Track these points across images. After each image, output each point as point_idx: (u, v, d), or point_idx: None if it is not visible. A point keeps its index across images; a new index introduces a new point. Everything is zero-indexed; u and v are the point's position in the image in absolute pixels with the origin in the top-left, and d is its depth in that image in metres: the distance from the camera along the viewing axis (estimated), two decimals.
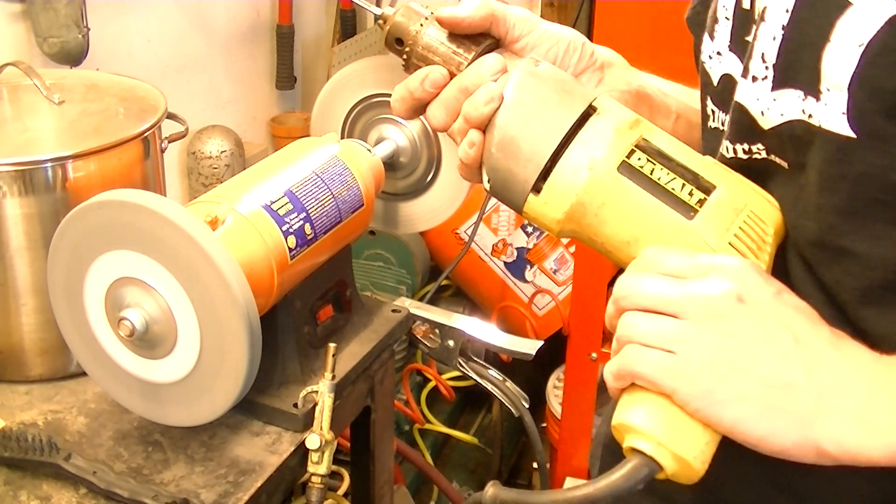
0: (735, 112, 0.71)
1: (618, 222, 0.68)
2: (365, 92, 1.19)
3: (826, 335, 0.62)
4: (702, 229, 0.66)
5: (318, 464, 1.02)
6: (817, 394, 0.60)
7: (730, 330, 0.61)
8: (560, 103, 0.70)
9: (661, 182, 0.67)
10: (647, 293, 0.63)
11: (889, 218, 0.63)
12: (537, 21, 0.80)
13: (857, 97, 0.60)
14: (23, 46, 1.63)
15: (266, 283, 0.99)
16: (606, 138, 0.68)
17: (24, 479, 0.98)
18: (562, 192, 0.69)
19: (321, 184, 1.07)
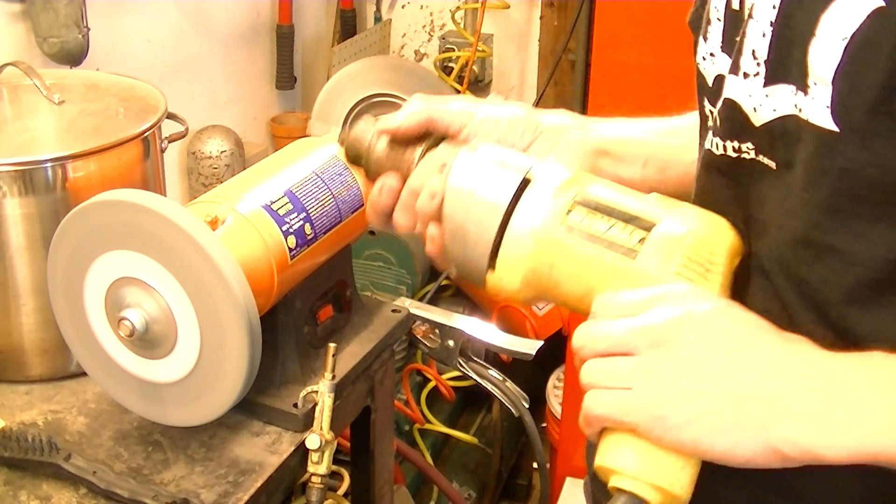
0: (726, 109, 0.72)
1: (570, 279, 0.71)
2: (365, 92, 1.19)
3: (775, 342, 0.64)
4: (645, 267, 0.68)
5: (318, 464, 1.02)
6: (769, 400, 0.61)
7: (677, 355, 0.63)
8: (496, 182, 0.73)
9: (600, 232, 0.70)
10: (598, 338, 0.66)
11: (870, 215, 0.63)
12: (475, 108, 0.83)
13: (840, 91, 0.61)
14: (23, 46, 1.63)
15: (266, 283, 0.99)
16: (544, 204, 0.72)
17: (24, 479, 0.98)
18: (513, 265, 0.72)
19: (321, 184, 1.07)
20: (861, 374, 0.61)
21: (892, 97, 0.59)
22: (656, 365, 0.63)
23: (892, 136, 0.60)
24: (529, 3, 2.52)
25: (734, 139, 0.72)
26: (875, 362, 0.61)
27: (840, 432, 0.59)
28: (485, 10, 2.39)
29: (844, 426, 0.59)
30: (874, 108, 0.60)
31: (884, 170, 0.61)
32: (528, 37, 2.57)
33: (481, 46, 2.46)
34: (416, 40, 2.72)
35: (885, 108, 0.59)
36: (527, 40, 2.58)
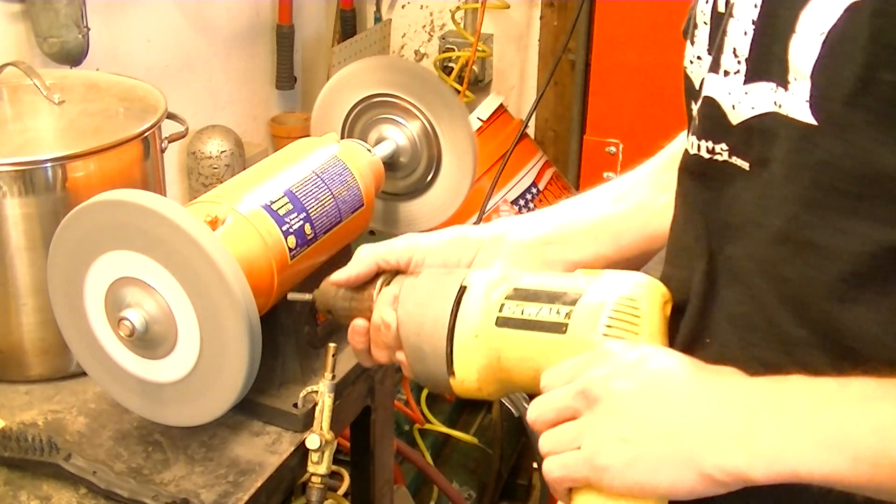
0: (705, 106, 0.73)
1: (518, 365, 0.78)
2: (365, 92, 1.19)
3: (698, 377, 0.68)
4: (575, 337, 0.75)
5: (318, 464, 1.02)
6: (695, 433, 0.65)
7: (611, 408, 0.68)
8: (438, 299, 0.81)
9: (532, 317, 0.77)
10: (546, 409, 0.72)
11: (849, 208, 0.64)
12: (418, 240, 0.90)
13: (818, 85, 0.62)
14: (23, 46, 1.63)
15: (266, 283, 0.99)
16: (479, 306, 0.80)
17: (24, 479, 0.98)
18: (467, 367, 0.80)
19: (321, 184, 1.07)
20: (780, 398, 0.64)
21: (868, 90, 0.60)
22: (595, 421, 0.68)
23: (869, 127, 0.61)
24: (529, 3, 2.52)
25: (709, 139, 0.72)
26: (793, 385, 0.64)
27: (763, 456, 0.62)
28: (485, 10, 2.39)
29: (766, 450, 0.62)
30: (851, 100, 0.61)
31: (861, 161, 0.62)
32: (528, 37, 2.57)
33: (481, 46, 2.46)
34: (416, 40, 2.72)
35: (862, 101, 0.60)
36: (527, 40, 2.58)
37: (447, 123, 1.18)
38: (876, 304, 0.65)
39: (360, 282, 0.89)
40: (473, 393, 0.82)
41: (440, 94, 1.18)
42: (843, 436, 0.60)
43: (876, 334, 0.65)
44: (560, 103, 2.49)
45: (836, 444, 0.60)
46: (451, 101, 1.18)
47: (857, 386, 0.62)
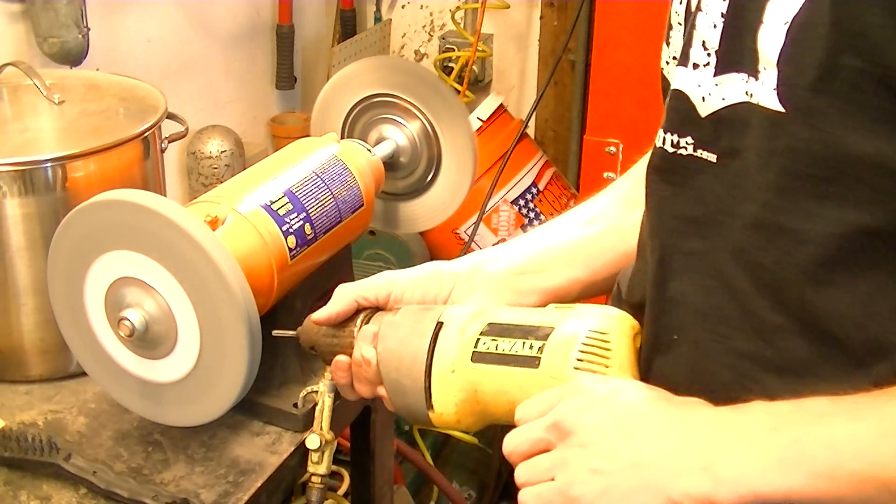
0: (673, 100, 0.74)
1: (494, 399, 0.81)
2: (365, 92, 1.19)
3: (665, 408, 0.71)
4: (548, 370, 0.78)
5: (318, 464, 1.02)
6: (663, 462, 0.68)
7: (582, 440, 0.71)
8: (415, 335, 0.84)
9: (506, 352, 0.80)
10: (520, 442, 0.75)
11: (817, 192, 0.65)
12: (394, 279, 0.93)
13: (784, 73, 0.63)
14: (23, 46, 1.63)
15: (266, 283, 0.99)
16: (455, 342, 0.82)
17: (24, 479, 0.98)
18: (444, 401, 0.83)
19: (321, 184, 1.07)
20: (740, 424, 0.66)
21: (832, 75, 0.61)
22: (568, 453, 0.71)
23: (835, 113, 0.62)
24: (529, 3, 2.52)
25: (675, 132, 0.73)
26: (752, 411, 0.66)
27: (726, 480, 0.64)
28: (485, 10, 2.38)
29: (729, 474, 0.64)
30: (816, 86, 0.62)
31: (828, 146, 0.63)
32: (528, 37, 2.57)
33: (481, 46, 2.46)
34: (416, 40, 2.72)
35: (827, 87, 0.62)
36: (527, 40, 2.58)
37: (447, 123, 1.18)
38: (850, 286, 0.66)
39: (341, 319, 0.91)
40: (453, 425, 0.84)
41: (440, 94, 1.18)
42: (799, 453, 0.62)
43: (851, 315, 0.66)
44: (560, 103, 2.49)
45: (793, 462, 0.62)
46: (451, 101, 1.18)
47: (810, 405, 0.64)
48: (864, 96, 0.61)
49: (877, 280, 0.65)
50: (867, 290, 0.65)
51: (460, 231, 2.22)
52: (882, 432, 0.60)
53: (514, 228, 2.25)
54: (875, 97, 0.61)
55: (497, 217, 2.24)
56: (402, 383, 0.84)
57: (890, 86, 0.60)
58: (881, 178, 0.62)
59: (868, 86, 0.61)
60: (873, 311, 0.65)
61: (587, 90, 2.16)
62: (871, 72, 0.60)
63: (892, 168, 0.62)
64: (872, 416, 0.61)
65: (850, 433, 0.61)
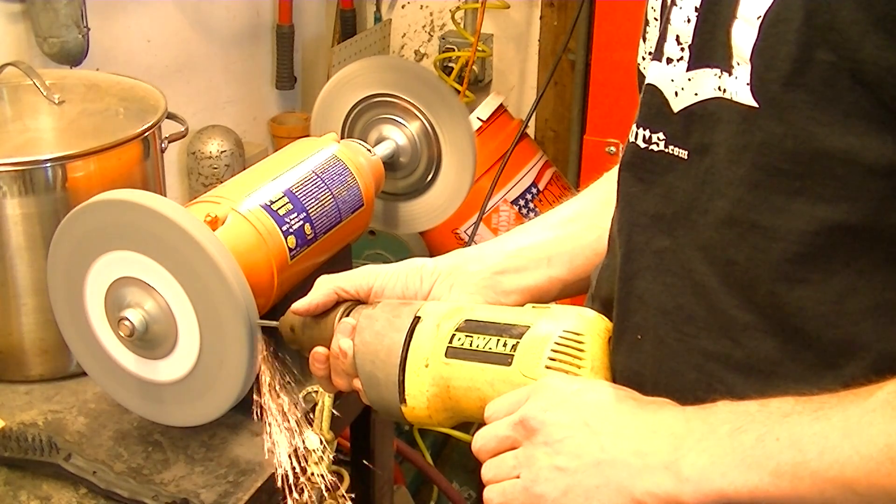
0: (646, 94, 0.73)
1: (465, 395, 0.81)
2: (365, 92, 1.19)
3: (630, 408, 0.71)
4: (520, 369, 0.78)
5: (318, 464, 1.02)
6: (627, 461, 0.68)
7: (547, 438, 0.71)
8: (392, 329, 0.84)
9: (479, 349, 0.80)
10: (487, 439, 0.75)
11: (789, 188, 0.65)
12: (376, 272, 0.92)
13: (757, 68, 0.63)
14: (23, 46, 1.63)
15: (266, 283, 0.99)
16: (430, 336, 0.82)
17: (24, 479, 0.98)
18: (417, 395, 0.83)
19: (321, 184, 1.07)
20: (705, 423, 0.67)
21: (804, 70, 0.61)
22: (533, 451, 0.72)
23: (806, 107, 0.62)
24: (529, 3, 2.52)
25: (647, 127, 0.73)
26: (717, 410, 0.66)
27: (690, 479, 0.65)
28: (485, 10, 2.39)
29: (692, 473, 0.65)
30: (789, 81, 0.62)
31: (801, 141, 0.63)
32: (528, 37, 2.57)
33: (481, 46, 2.46)
34: (416, 40, 2.73)
35: (799, 81, 0.62)
36: (527, 40, 2.58)
37: (447, 123, 1.18)
38: (821, 283, 0.66)
39: (320, 310, 0.91)
40: (424, 420, 0.85)
41: (440, 94, 1.18)
42: (763, 452, 0.63)
43: (822, 313, 0.66)
44: (560, 103, 2.49)
45: (756, 461, 0.63)
46: (451, 101, 1.18)
47: (776, 404, 0.64)
48: (837, 91, 0.61)
49: (849, 278, 0.65)
50: (839, 288, 0.65)
51: (460, 231, 2.22)
52: (846, 432, 0.60)
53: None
54: (847, 92, 0.61)
55: (497, 217, 2.24)
56: (376, 376, 0.84)
57: (862, 81, 0.60)
58: (853, 174, 0.62)
59: (840, 80, 0.61)
60: (845, 309, 0.65)
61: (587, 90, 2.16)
62: (844, 66, 0.60)
63: (864, 164, 0.62)
64: (837, 416, 0.61)
65: (814, 432, 0.61)
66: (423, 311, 0.85)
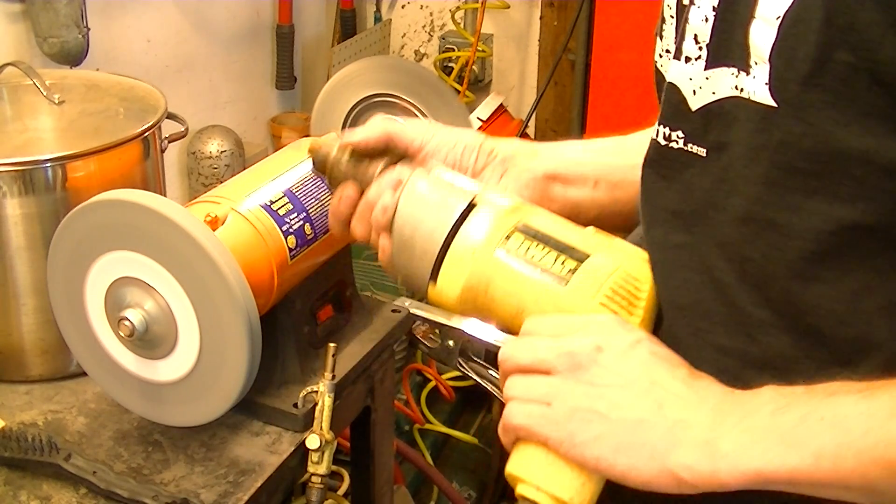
0: (667, 93, 0.74)
1: (503, 298, 0.77)
2: (365, 92, 1.19)
3: (681, 375, 0.69)
4: (573, 294, 0.74)
5: (318, 464, 1.02)
6: (668, 428, 0.66)
7: (590, 379, 0.69)
8: (445, 203, 0.79)
9: (535, 259, 0.76)
10: (524, 354, 0.72)
11: (807, 187, 0.65)
12: (435, 130, 0.89)
13: (776, 67, 0.64)
14: (23, 46, 1.63)
15: (266, 283, 0.99)
16: (485, 227, 0.77)
17: (24, 479, 0.98)
18: (452, 280, 0.78)
19: (321, 184, 1.07)
20: (748, 402, 0.65)
21: (824, 70, 0.61)
22: (572, 386, 0.69)
23: (825, 107, 0.62)
24: (529, 3, 2.53)
25: (668, 125, 0.74)
26: (762, 392, 0.65)
27: (727, 456, 0.63)
28: (485, 10, 2.39)
29: (730, 450, 0.63)
30: (808, 81, 0.62)
31: (818, 140, 0.63)
32: (528, 37, 2.57)
33: (481, 46, 2.46)
34: (416, 40, 2.73)
35: (819, 81, 0.62)
36: (527, 40, 2.58)
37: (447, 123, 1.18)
38: (837, 282, 0.66)
39: (369, 147, 0.86)
40: (445, 304, 0.80)
41: (440, 94, 1.18)
42: (805, 432, 0.61)
43: (837, 311, 0.66)
44: (560, 103, 2.49)
45: (798, 441, 0.61)
46: (451, 101, 1.18)
47: (822, 386, 0.63)
48: (856, 91, 0.61)
49: (864, 277, 0.65)
50: (854, 286, 0.66)
51: None
52: (893, 412, 0.59)
53: None
54: (866, 92, 0.61)
55: None
56: (413, 244, 0.79)
57: (881, 81, 0.60)
58: (871, 173, 0.62)
59: (859, 81, 0.61)
60: (860, 307, 0.66)
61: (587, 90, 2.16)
62: (863, 67, 0.60)
63: (881, 164, 0.62)
64: (884, 396, 0.60)
65: (859, 411, 0.60)
66: (483, 196, 0.79)
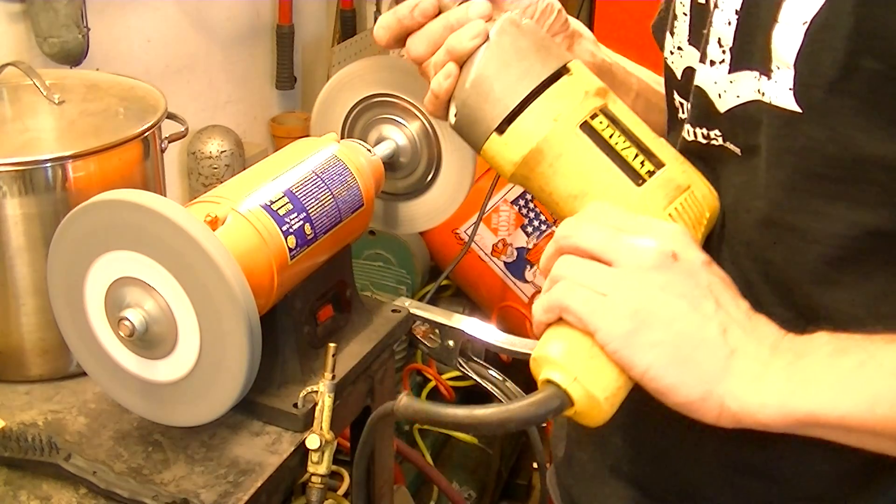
0: (695, 96, 0.74)
1: (570, 175, 0.72)
2: (365, 92, 1.19)
3: (744, 307, 0.66)
4: (647, 196, 0.70)
5: (318, 464, 1.02)
6: (728, 354, 0.63)
7: (660, 282, 0.64)
8: (537, 57, 0.74)
9: (616, 147, 0.72)
10: (589, 236, 0.67)
11: (829, 193, 0.65)
12: None
13: (801, 73, 0.63)
14: (23, 46, 1.63)
15: (266, 283, 0.99)
16: (574, 97, 0.73)
17: (24, 479, 0.98)
18: (523, 137, 0.72)
19: (321, 184, 1.07)
20: (806, 344, 0.63)
21: (850, 77, 0.62)
22: (638, 284, 0.64)
23: (850, 113, 0.62)
24: None
25: (703, 126, 0.74)
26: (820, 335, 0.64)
27: (778, 393, 0.62)
28: None
29: (782, 387, 0.62)
30: (833, 87, 0.62)
31: (842, 146, 0.63)
32: None
33: None
34: None
35: (843, 87, 0.62)
36: None
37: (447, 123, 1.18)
38: (856, 287, 0.66)
39: None
40: (502, 164, 0.75)
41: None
42: (862, 377, 0.60)
43: (857, 316, 0.66)
44: None
45: (854, 386, 0.60)
46: None
47: (881, 336, 0.62)
48: (882, 98, 0.61)
49: (884, 281, 0.65)
50: (874, 291, 0.66)
51: (460, 231, 2.22)
52: None
53: (514, 228, 2.25)
54: (892, 100, 0.61)
55: (497, 217, 2.24)
56: (492, 86, 0.73)
57: None
58: (894, 180, 0.62)
59: (886, 88, 0.61)
60: (879, 312, 0.66)
61: None
62: (890, 75, 0.60)
63: None
64: None
65: None
66: (576, 65, 0.75)
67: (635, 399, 0.75)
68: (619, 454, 0.87)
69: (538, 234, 2.25)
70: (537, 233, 2.25)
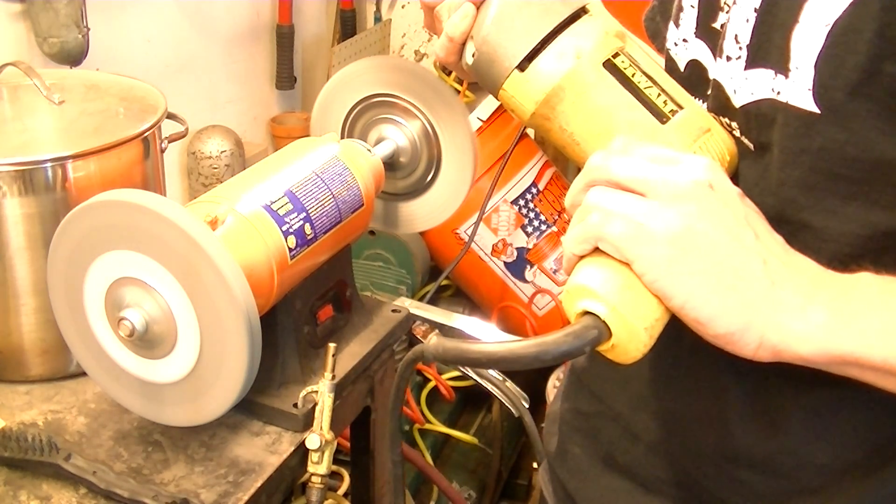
0: (713, 89, 0.75)
1: (593, 113, 0.71)
2: (365, 92, 1.19)
3: (780, 240, 0.65)
4: (672, 133, 0.70)
5: (318, 464, 1.02)
6: (769, 284, 0.61)
7: (698, 212, 0.62)
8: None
9: (640, 86, 0.71)
10: (620, 168, 0.65)
11: (845, 192, 0.65)
12: None
13: (822, 74, 0.63)
14: (23, 46, 1.63)
15: (266, 283, 0.99)
16: (596, 36, 0.72)
17: (24, 479, 0.98)
18: (546, 74, 0.71)
19: (321, 184, 1.07)
20: (854, 284, 0.62)
21: (872, 80, 0.62)
22: (676, 214, 0.62)
23: (871, 116, 0.62)
24: None
25: (724, 115, 0.75)
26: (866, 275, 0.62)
27: (822, 327, 0.60)
28: None
29: (827, 323, 0.60)
30: (855, 90, 0.62)
31: (861, 148, 0.63)
32: None
33: None
34: (416, 40, 2.73)
35: (865, 91, 0.62)
36: None
37: (447, 123, 1.18)
38: None
39: None
40: (523, 103, 0.73)
41: (440, 94, 1.18)
42: None
43: None
44: None
45: None
46: (451, 101, 1.18)
47: None
48: None
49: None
50: None
51: (460, 231, 2.22)
52: None
53: (514, 228, 2.25)
54: None
55: (497, 217, 2.24)
56: (514, 23, 0.72)
57: None
58: None
59: None
60: None
61: None
62: None
63: None
64: None
65: None
66: (595, 6, 0.75)
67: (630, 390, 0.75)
68: (613, 446, 0.87)
69: (538, 234, 2.25)
70: (537, 233, 2.25)
